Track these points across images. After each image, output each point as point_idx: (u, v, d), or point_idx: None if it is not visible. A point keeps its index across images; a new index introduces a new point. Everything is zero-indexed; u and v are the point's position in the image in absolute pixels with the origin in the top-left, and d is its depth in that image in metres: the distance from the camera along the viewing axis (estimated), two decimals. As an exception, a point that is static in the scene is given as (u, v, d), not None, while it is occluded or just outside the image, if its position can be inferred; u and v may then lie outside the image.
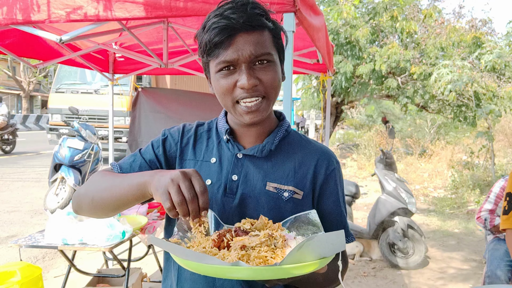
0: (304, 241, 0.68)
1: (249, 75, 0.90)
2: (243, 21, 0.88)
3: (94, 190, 0.99)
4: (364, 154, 11.76)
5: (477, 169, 8.94)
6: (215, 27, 0.88)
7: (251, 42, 0.89)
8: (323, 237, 0.71)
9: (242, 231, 0.83)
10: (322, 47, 2.87)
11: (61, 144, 5.77)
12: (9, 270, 2.27)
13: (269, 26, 0.93)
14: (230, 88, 0.92)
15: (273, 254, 0.75)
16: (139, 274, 3.03)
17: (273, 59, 0.94)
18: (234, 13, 0.87)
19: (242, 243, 0.77)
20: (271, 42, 0.94)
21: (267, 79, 0.92)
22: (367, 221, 4.36)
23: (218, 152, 1.03)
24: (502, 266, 2.73)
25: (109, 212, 0.99)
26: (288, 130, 1.06)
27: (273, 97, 0.96)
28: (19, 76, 26.95)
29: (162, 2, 1.69)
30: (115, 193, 0.93)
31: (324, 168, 1.02)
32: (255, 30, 0.90)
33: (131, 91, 8.95)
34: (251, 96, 0.91)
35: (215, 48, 0.89)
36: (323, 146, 1.08)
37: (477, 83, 7.23)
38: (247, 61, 0.90)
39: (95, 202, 0.98)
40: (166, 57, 3.27)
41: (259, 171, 0.99)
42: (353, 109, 20.71)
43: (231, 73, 0.91)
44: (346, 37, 8.71)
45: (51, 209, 5.35)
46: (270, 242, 0.78)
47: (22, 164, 10.12)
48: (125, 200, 0.92)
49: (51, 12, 1.77)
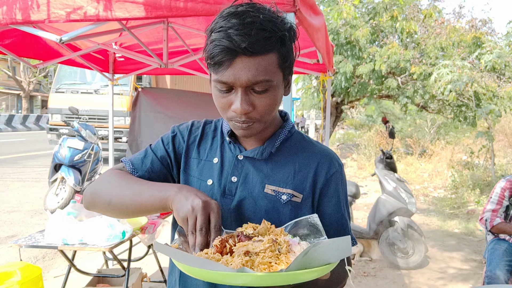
0: (310, 247, 0.67)
1: (243, 101, 0.87)
2: (245, 46, 0.83)
3: (112, 194, 0.99)
4: (364, 154, 11.77)
5: (477, 169, 8.94)
6: (217, 45, 0.85)
7: (250, 67, 0.85)
8: (329, 243, 0.69)
9: (245, 236, 0.82)
10: (322, 47, 2.87)
11: (61, 144, 5.77)
12: (9, 270, 2.27)
13: (276, 48, 0.87)
14: (225, 107, 0.91)
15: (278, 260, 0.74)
16: (139, 274, 3.03)
17: (272, 85, 0.89)
18: (238, 35, 0.82)
19: (245, 248, 0.77)
20: (275, 66, 0.88)
21: (262, 106, 0.90)
22: (367, 221, 4.36)
23: (220, 152, 1.03)
24: (502, 266, 2.73)
25: (125, 216, 1.02)
26: (292, 131, 1.05)
27: (267, 119, 0.94)
28: (19, 76, 26.94)
29: (162, 2, 1.69)
30: (136, 201, 0.94)
31: (325, 171, 1.00)
32: (257, 55, 0.85)
33: (131, 91, 8.95)
34: (243, 122, 0.90)
35: (215, 65, 0.87)
36: (326, 148, 1.06)
37: (477, 83, 7.23)
38: (243, 86, 0.87)
39: (113, 206, 0.98)
40: (166, 57, 3.27)
41: (259, 173, 0.99)
42: (353, 109, 20.72)
43: (228, 93, 0.90)
44: (346, 37, 8.71)
45: (51, 209, 5.35)
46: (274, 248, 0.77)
47: (22, 164, 10.11)
48: (146, 210, 0.94)
49: (50, 12, 1.77)
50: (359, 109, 21.03)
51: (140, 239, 2.81)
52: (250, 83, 0.86)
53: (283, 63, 0.90)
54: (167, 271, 0.96)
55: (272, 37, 0.85)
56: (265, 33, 0.84)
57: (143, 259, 3.31)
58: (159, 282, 3.29)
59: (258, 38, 0.83)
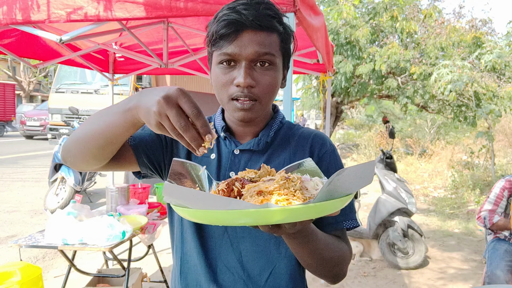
0: (333, 176, 0.64)
1: (247, 74, 0.88)
2: (253, 19, 0.87)
3: (82, 128, 0.90)
4: (364, 154, 11.77)
5: (477, 169, 8.94)
6: (225, 19, 0.87)
7: (256, 41, 0.88)
8: (352, 170, 0.66)
9: (247, 180, 0.78)
10: (322, 47, 2.87)
11: (61, 144, 5.77)
12: (9, 270, 2.27)
13: (279, 29, 0.92)
14: (227, 84, 0.91)
15: (294, 197, 0.69)
16: (139, 274, 3.03)
17: (275, 62, 0.92)
18: (246, 9, 0.87)
19: (257, 188, 0.71)
20: (277, 46, 0.92)
21: (264, 82, 0.91)
22: (367, 221, 4.36)
23: (217, 148, 1.03)
24: (502, 266, 2.73)
25: (96, 149, 0.88)
26: (283, 121, 1.07)
27: (267, 101, 0.94)
28: (19, 76, 26.94)
29: (162, 2, 1.69)
30: (101, 125, 0.84)
31: (317, 151, 1.02)
32: (263, 30, 0.89)
33: (131, 91, 8.95)
34: (245, 96, 0.90)
35: (220, 39, 0.88)
36: (316, 131, 1.07)
37: (477, 83, 7.23)
38: (248, 58, 0.88)
39: (81, 138, 0.89)
40: (166, 57, 3.27)
41: (257, 165, 0.99)
42: (353, 109, 20.71)
43: (231, 69, 0.90)
44: (346, 37, 8.71)
45: (51, 209, 5.35)
46: (288, 185, 0.72)
47: (22, 164, 10.11)
48: (114, 133, 0.83)
49: (51, 12, 1.77)
50: (359, 109, 21.02)
51: (140, 239, 2.81)
52: (255, 55, 0.88)
53: (284, 45, 0.94)
54: (167, 271, 0.96)
55: (276, 18, 0.91)
56: (271, 12, 0.90)
57: (143, 259, 3.31)
58: (159, 282, 3.29)
59: (265, 15, 0.88)
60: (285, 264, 0.98)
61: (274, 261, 0.97)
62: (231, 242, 0.97)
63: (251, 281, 0.96)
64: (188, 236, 1.01)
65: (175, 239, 1.05)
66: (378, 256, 4.27)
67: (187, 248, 1.01)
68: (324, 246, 0.90)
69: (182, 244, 1.02)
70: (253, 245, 0.96)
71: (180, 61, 3.71)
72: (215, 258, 0.98)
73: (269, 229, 0.70)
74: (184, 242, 1.02)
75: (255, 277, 0.96)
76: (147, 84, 9.04)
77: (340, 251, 0.96)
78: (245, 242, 0.96)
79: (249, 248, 0.96)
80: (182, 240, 1.03)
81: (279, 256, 0.98)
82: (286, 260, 0.98)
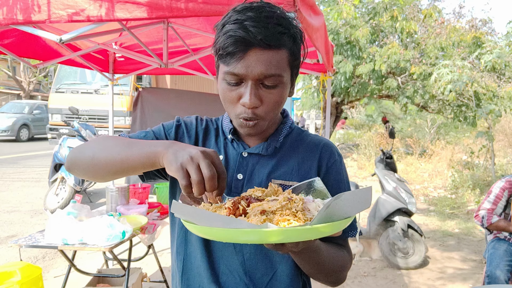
0: (331, 200, 0.67)
1: (252, 94, 0.87)
2: (261, 38, 0.83)
3: (98, 148, 0.93)
4: (364, 154, 11.77)
5: (477, 169, 8.94)
6: (232, 36, 0.84)
7: (264, 60, 0.85)
8: (350, 195, 0.69)
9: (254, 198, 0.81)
10: (322, 47, 2.87)
11: (61, 144, 5.78)
12: (9, 270, 2.27)
13: (289, 45, 0.89)
14: (233, 101, 0.91)
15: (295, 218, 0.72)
16: (139, 274, 3.03)
17: (282, 81, 0.90)
18: (254, 26, 0.83)
19: (261, 208, 0.75)
20: (286, 62, 0.89)
21: (270, 102, 0.90)
22: (367, 221, 4.36)
23: (224, 150, 1.03)
24: (502, 266, 2.74)
25: (107, 174, 0.93)
26: (292, 126, 1.07)
27: (272, 117, 0.95)
28: (19, 76, 26.93)
29: (163, 3, 1.69)
30: (122, 155, 0.88)
31: (326, 161, 1.03)
32: (272, 49, 0.86)
33: (131, 91, 8.95)
34: (250, 118, 0.90)
35: (227, 56, 0.87)
36: (324, 139, 1.08)
37: (477, 83, 7.23)
38: (255, 79, 0.87)
39: (96, 160, 0.91)
40: (166, 57, 3.27)
41: (264, 169, 0.99)
42: (353, 109, 20.71)
43: (237, 86, 0.90)
44: (346, 37, 8.71)
45: (51, 209, 5.35)
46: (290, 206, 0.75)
47: (22, 164, 10.11)
48: (131, 165, 0.87)
49: (51, 12, 1.77)
50: (359, 109, 21.02)
51: (140, 239, 2.81)
52: (262, 76, 0.87)
53: (293, 61, 0.92)
54: (167, 271, 0.96)
55: (286, 34, 0.87)
56: (280, 28, 0.86)
57: (143, 259, 3.31)
58: (159, 282, 3.29)
59: (274, 32, 0.85)
60: (286, 268, 0.99)
61: (276, 265, 0.98)
62: (234, 245, 0.98)
63: (252, 283, 0.97)
64: (192, 238, 1.01)
65: (176, 240, 1.05)
66: (378, 256, 4.27)
67: (191, 249, 1.01)
68: (327, 258, 0.93)
69: (186, 246, 1.02)
70: (256, 249, 0.97)
71: (180, 61, 3.71)
72: (218, 261, 0.98)
73: (273, 247, 0.73)
74: (187, 243, 1.02)
75: (256, 280, 0.97)
76: (147, 84, 9.05)
77: (342, 259, 0.99)
78: (249, 246, 0.97)
79: (252, 252, 0.97)
80: (186, 241, 1.03)
81: (281, 260, 0.98)
82: (288, 264, 0.99)
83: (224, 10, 1.67)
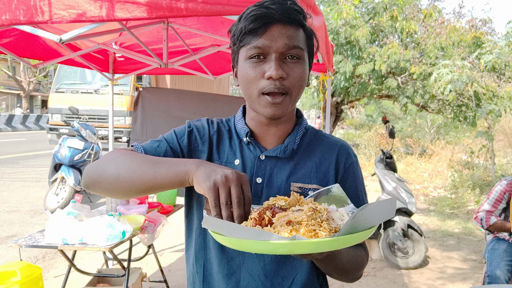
0: (357, 211, 0.69)
1: (278, 66, 0.88)
2: (281, 12, 0.88)
3: (122, 167, 0.90)
4: (364, 154, 11.77)
5: (477, 169, 8.94)
6: (253, 14, 0.88)
7: (286, 34, 0.89)
8: (375, 205, 0.72)
9: (278, 208, 0.82)
10: (322, 47, 2.87)
11: (61, 144, 5.78)
12: (9, 270, 2.27)
13: (305, 25, 0.94)
14: (257, 78, 0.91)
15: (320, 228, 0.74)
16: (139, 274, 3.03)
17: (303, 57, 0.93)
18: (274, 4, 0.88)
19: (287, 218, 0.76)
20: (304, 41, 0.93)
21: (295, 75, 0.91)
22: (367, 221, 4.36)
23: (240, 154, 1.01)
24: (502, 266, 2.74)
25: (133, 193, 0.93)
26: (306, 127, 1.06)
27: (296, 95, 0.94)
28: (19, 76, 26.95)
29: (163, 3, 1.69)
30: (149, 174, 0.87)
31: (343, 162, 1.03)
32: (292, 24, 0.90)
33: (131, 91, 8.95)
34: (277, 89, 0.90)
35: (249, 34, 0.89)
36: (341, 140, 1.08)
37: (477, 83, 7.24)
38: (279, 51, 0.89)
39: (122, 179, 0.90)
40: (166, 57, 3.27)
41: (283, 172, 0.99)
42: (353, 109, 20.71)
43: (260, 63, 0.90)
44: (346, 37, 8.71)
45: (51, 209, 5.35)
46: (315, 216, 0.76)
47: (22, 164, 10.11)
48: (159, 184, 0.87)
49: (53, 13, 1.76)
50: (359, 109, 21.01)
51: (140, 239, 2.81)
52: (286, 48, 0.89)
53: (309, 41, 0.96)
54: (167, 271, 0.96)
55: (301, 13, 0.93)
56: (297, 8, 0.92)
57: (143, 259, 3.32)
58: (159, 282, 3.29)
59: (292, 9, 0.90)
60: (306, 270, 0.99)
61: (296, 268, 0.99)
62: None
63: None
64: (210, 243, 1.00)
65: (194, 246, 1.03)
66: (378, 256, 4.28)
67: (210, 255, 1.00)
68: (347, 261, 0.94)
69: (205, 251, 1.01)
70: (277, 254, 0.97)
71: (180, 61, 3.71)
72: (239, 266, 0.98)
73: (298, 255, 0.75)
74: (206, 249, 1.01)
75: (277, 285, 0.97)
76: (147, 84, 9.04)
77: (361, 259, 1.01)
78: None
79: (273, 256, 0.97)
80: (205, 247, 1.01)
81: (301, 263, 0.99)
82: (308, 267, 0.99)
83: (224, 10, 1.67)
